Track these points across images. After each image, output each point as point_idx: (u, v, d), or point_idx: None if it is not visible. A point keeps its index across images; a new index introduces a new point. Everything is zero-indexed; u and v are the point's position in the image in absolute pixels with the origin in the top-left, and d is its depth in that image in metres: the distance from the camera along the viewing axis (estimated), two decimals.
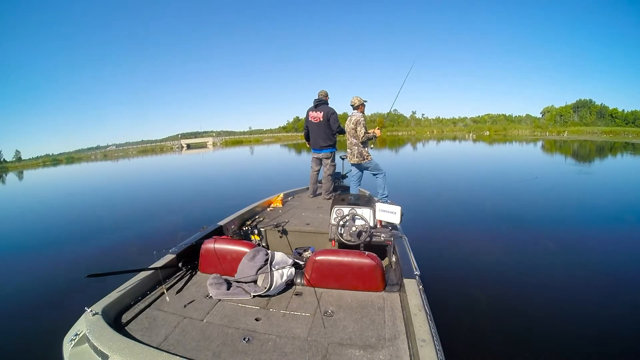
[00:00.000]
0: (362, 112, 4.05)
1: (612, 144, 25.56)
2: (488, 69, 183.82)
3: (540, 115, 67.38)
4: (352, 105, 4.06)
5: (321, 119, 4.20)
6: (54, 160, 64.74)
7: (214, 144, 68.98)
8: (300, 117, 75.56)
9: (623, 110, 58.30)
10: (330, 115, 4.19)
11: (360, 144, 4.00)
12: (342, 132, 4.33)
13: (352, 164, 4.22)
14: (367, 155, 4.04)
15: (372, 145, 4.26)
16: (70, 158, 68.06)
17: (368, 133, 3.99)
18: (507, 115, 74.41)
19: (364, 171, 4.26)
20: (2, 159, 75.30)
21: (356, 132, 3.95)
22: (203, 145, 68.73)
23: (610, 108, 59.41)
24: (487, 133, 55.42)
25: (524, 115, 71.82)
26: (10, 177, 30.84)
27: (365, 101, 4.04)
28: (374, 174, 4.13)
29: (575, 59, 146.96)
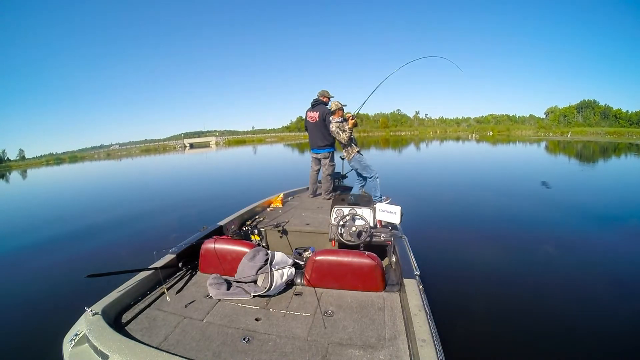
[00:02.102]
0: (341, 116, 4.04)
1: (616, 144, 25.30)
2: (492, 69, 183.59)
3: (544, 116, 67.04)
4: (329, 110, 4.09)
5: (317, 119, 4.20)
6: (57, 159, 65.24)
7: (217, 144, 69.12)
8: (303, 117, 75.64)
9: (627, 111, 57.79)
10: (326, 115, 4.16)
11: (346, 145, 4.04)
12: None
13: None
14: (351, 153, 4.04)
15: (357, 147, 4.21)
16: (74, 157, 68.61)
17: (346, 132, 3.95)
18: (510, 115, 74.27)
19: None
20: (6, 158, 76.00)
21: (340, 137, 4.00)
22: (206, 145, 68.92)
23: (614, 109, 58.92)
24: (491, 133, 55.14)
25: (527, 116, 71.58)
26: (14, 175, 31.07)
27: (345, 105, 4.06)
28: (365, 176, 4.11)
29: (579, 59, 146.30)
